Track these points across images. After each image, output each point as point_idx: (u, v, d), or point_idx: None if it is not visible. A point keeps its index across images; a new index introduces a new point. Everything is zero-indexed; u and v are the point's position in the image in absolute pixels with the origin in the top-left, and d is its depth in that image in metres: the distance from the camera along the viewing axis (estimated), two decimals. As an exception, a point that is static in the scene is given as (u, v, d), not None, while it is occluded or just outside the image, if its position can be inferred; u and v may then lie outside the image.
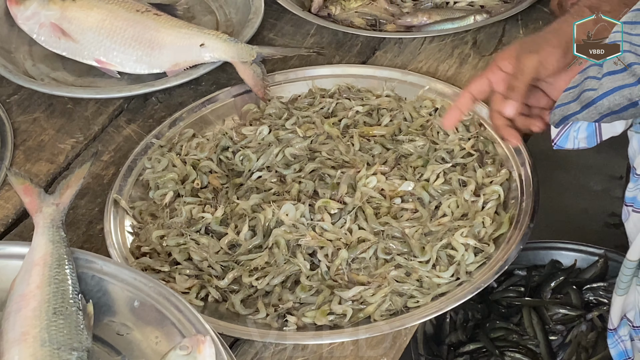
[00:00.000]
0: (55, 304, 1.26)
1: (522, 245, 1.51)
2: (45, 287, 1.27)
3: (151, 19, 1.88)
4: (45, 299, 1.26)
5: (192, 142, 1.74)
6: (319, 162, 1.66)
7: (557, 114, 1.42)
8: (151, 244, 1.56)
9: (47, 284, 1.28)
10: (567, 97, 1.40)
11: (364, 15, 2.02)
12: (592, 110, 1.37)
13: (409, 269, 1.50)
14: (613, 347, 1.61)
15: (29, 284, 1.29)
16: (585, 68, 1.39)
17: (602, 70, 1.36)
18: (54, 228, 1.35)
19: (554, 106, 1.43)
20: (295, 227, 1.55)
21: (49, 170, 1.73)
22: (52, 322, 1.23)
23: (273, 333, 1.43)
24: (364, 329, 1.44)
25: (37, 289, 1.27)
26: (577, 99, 1.38)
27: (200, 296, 1.50)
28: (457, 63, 1.91)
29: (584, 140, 1.49)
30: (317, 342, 1.43)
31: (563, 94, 1.41)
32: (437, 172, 1.63)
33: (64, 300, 1.27)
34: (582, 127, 1.47)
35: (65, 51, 1.90)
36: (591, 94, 1.36)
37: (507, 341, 2.14)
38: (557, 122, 1.44)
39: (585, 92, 1.37)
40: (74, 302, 1.27)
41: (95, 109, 1.85)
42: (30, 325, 1.23)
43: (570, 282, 2.19)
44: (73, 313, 1.26)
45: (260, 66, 1.82)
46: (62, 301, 1.26)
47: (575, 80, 1.40)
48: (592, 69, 1.38)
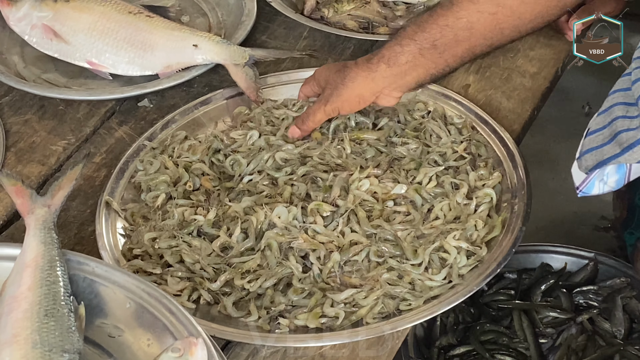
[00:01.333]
0: (46, 306, 1.25)
1: (515, 249, 1.51)
2: (36, 289, 1.27)
3: (143, 21, 1.87)
4: (36, 301, 1.25)
5: (184, 144, 1.74)
6: (310, 165, 1.66)
7: (589, 159, 1.38)
8: (143, 246, 1.56)
9: (38, 285, 1.27)
10: (597, 141, 1.35)
11: (357, 18, 2.02)
12: (637, 151, 1.32)
13: (401, 272, 1.50)
14: None
15: (20, 286, 1.28)
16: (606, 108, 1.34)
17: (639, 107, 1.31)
18: (45, 230, 1.35)
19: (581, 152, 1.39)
20: (287, 229, 1.55)
21: (40, 172, 1.73)
22: (43, 324, 1.23)
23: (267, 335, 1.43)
24: (355, 331, 1.43)
25: (29, 290, 1.27)
26: (612, 140, 1.33)
27: (192, 299, 1.50)
28: (450, 66, 1.91)
29: (613, 183, 1.45)
30: (310, 345, 1.42)
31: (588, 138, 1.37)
32: (429, 175, 1.63)
33: (56, 302, 1.26)
34: (611, 171, 1.43)
35: (57, 53, 1.89)
36: (632, 134, 1.31)
37: (497, 344, 2.14)
38: (589, 168, 1.40)
39: (622, 133, 1.33)
40: (66, 304, 1.27)
41: (87, 110, 1.85)
42: (22, 327, 1.22)
43: (560, 285, 2.20)
44: (64, 315, 1.25)
45: (252, 68, 1.82)
46: (53, 303, 1.26)
47: (597, 122, 1.35)
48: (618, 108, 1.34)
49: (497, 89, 1.85)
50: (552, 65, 1.89)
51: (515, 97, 1.83)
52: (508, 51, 1.93)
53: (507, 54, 1.93)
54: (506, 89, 1.85)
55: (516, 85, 1.86)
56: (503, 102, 1.82)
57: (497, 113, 1.79)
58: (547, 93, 1.86)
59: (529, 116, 1.80)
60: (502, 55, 1.93)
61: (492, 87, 1.86)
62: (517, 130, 1.76)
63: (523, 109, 1.81)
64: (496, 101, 1.82)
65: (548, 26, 1.92)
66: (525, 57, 1.92)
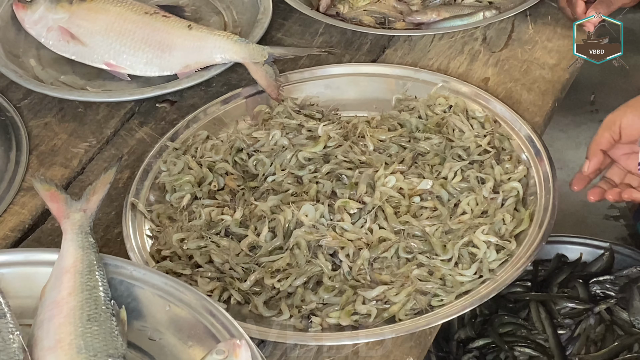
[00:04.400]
0: (88, 311, 1.25)
1: (544, 242, 1.51)
2: (77, 294, 1.27)
3: (160, 21, 1.87)
4: (78, 306, 1.26)
5: (206, 144, 1.73)
6: (334, 163, 1.66)
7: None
8: (171, 247, 1.56)
9: (79, 290, 1.27)
10: None
11: (373, 13, 2.02)
12: None
13: (431, 268, 1.51)
14: None
15: (60, 291, 1.28)
16: None
17: None
18: (82, 234, 1.35)
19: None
20: (315, 227, 1.55)
21: (63, 174, 1.73)
22: (86, 329, 1.23)
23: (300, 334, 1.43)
24: (389, 328, 1.44)
25: (69, 295, 1.27)
26: None
27: (223, 299, 1.50)
28: (468, 60, 1.91)
29: None
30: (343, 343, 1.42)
31: None
32: (454, 170, 1.63)
33: (97, 307, 1.26)
34: None
35: (74, 55, 1.89)
36: None
37: (515, 336, 2.14)
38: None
39: None
40: (107, 308, 1.27)
41: (107, 112, 1.85)
42: (65, 333, 1.23)
43: (576, 276, 2.21)
44: (107, 319, 1.25)
45: (272, 67, 1.82)
46: (95, 307, 1.26)
47: None
48: None
49: (516, 82, 1.85)
50: (572, 56, 1.88)
51: (535, 89, 1.84)
52: (525, 43, 1.94)
53: (525, 46, 1.93)
54: (526, 82, 1.85)
55: (536, 77, 1.86)
56: (524, 95, 1.82)
57: (518, 106, 1.79)
58: (567, 84, 1.86)
59: (550, 108, 1.80)
60: (519, 47, 1.93)
61: (512, 80, 1.86)
62: (539, 122, 1.76)
63: (544, 100, 1.81)
64: (517, 94, 1.82)
65: (565, 17, 1.93)
66: (544, 49, 1.92)
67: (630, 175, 1.63)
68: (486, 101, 1.77)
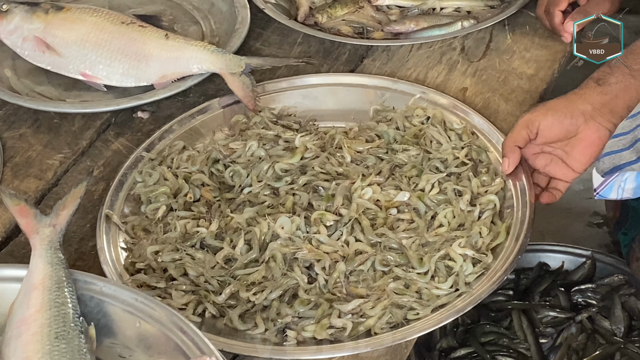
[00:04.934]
0: (56, 328, 1.24)
1: (520, 255, 1.51)
2: (45, 311, 1.26)
3: (137, 31, 1.86)
4: (46, 323, 1.24)
5: (182, 154, 1.72)
6: (311, 174, 1.65)
7: (607, 162, 1.38)
8: (146, 260, 1.54)
9: (47, 307, 1.26)
10: (618, 145, 1.36)
11: (351, 23, 2.01)
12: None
13: (407, 281, 1.50)
14: None
15: (28, 308, 1.27)
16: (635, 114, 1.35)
17: None
18: (52, 250, 1.33)
19: (602, 154, 1.39)
20: (291, 240, 1.54)
21: (37, 187, 1.71)
22: (54, 347, 1.22)
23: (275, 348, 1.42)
24: (364, 342, 1.43)
25: (38, 312, 1.25)
26: (631, 147, 1.34)
27: (198, 312, 1.48)
28: (446, 69, 1.90)
29: (630, 191, 1.45)
30: (319, 357, 1.42)
31: (611, 141, 1.38)
32: (432, 182, 1.63)
33: (66, 324, 1.25)
34: (630, 177, 1.43)
35: (50, 65, 1.87)
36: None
37: (497, 345, 2.14)
38: (605, 171, 1.40)
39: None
40: (76, 325, 1.26)
41: (82, 123, 1.83)
42: (32, 351, 1.21)
43: (558, 284, 2.20)
44: (75, 337, 1.24)
45: (249, 77, 1.81)
46: (63, 325, 1.24)
47: (624, 126, 1.36)
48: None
49: (494, 92, 1.85)
50: (549, 66, 1.89)
51: (513, 99, 1.83)
52: (503, 53, 1.93)
53: (503, 56, 1.93)
54: (504, 92, 1.85)
55: (514, 87, 1.86)
56: (501, 105, 1.82)
57: (495, 116, 1.79)
58: (545, 94, 1.86)
59: (527, 119, 1.79)
60: (497, 57, 1.93)
61: (490, 90, 1.85)
62: (516, 133, 1.75)
63: (521, 111, 1.80)
64: (494, 104, 1.82)
65: (543, 27, 1.93)
66: (522, 59, 1.92)
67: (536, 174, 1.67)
68: (464, 113, 1.76)
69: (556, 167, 1.63)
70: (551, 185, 1.66)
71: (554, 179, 1.66)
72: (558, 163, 1.63)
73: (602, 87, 1.59)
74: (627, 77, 1.57)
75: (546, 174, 1.66)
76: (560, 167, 1.63)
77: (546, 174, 1.66)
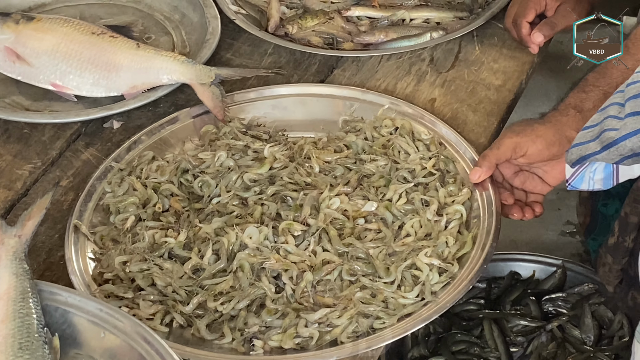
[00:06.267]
0: (20, 339, 1.24)
1: (486, 265, 1.52)
2: (9, 322, 1.26)
3: (107, 42, 1.86)
4: (10, 334, 1.24)
5: (152, 165, 1.72)
6: (279, 185, 1.66)
7: (575, 152, 1.40)
8: (114, 270, 1.55)
9: (11, 318, 1.26)
10: (586, 136, 1.37)
11: (321, 34, 2.02)
12: (613, 151, 1.33)
13: (374, 290, 1.51)
14: None
15: (-7, 319, 1.27)
16: (604, 107, 1.36)
17: (625, 110, 1.31)
18: (16, 260, 1.34)
19: (571, 145, 1.41)
20: (259, 250, 1.55)
21: (6, 197, 1.71)
22: (17, 358, 1.22)
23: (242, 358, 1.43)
24: (331, 351, 1.44)
25: (1, 323, 1.26)
26: (597, 138, 1.34)
27: (165, 322, 1.49)
28: (415, 80, 1.92)
29: (600, 182, 1.46)
30: (285, 366, 1.42)
31: (581, 132, 1.38)
32: (399, 192, 1.64)
33: (30, 335, 1.25)
34: (599, 168, 1.44)
35: (20, 75, 1.87)
36: (613, 134, 1.32)
37: (469, 354, 2.15)
38: (573, 162, 1.41)
39: (606, 131, 1.33)
40: (40, 336, 1.26)
41: (53, 133, 1.83)
42: (-4, 361, 1.22)
43: (529, 294, 2.21)
44: (39, 347, 1.24)
45: (219, 87, 1.81)
46: (27, 335, 1.25)
47: (594, 118, 1.37)
48: (612, 107, 1.34)
49: (462, 102, 1.86)
50: (517, 77, 1.91)
51: (481, 110, 1.85)
52: (472, 64, 1.95)
53: (471, 67, 1.94)
54: (472, 102, 1.86)
55: (481, 98, 1.87)
56: (469, 116, 1.83)
57: (463, 127, 1.80)
58: (512, 105, 1.87)
59: (495, 129, 1.81)
60: (466, 68, 1.94)
61: (458, 101, 1.86)
62: (483, 143, 1.77)
63: (489, 121, 1.82)
64: (462, 114, 1.83)
65: (511, 38, 1.94)
66: (490, 70, 1.93)
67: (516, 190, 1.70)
68: (432, 123, 1.77)
69: (534, 182, 1.67)
70: (531, 199, 1.68)
71: (531, 192, 1.69)
72: (535, 179, 1.67)
73: (582, 114, 1.62)
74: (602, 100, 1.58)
75: (523, 190, 1.69)
76: (537, 183, 1.67)
77: (523, 190, 1.69)
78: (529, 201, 1.69)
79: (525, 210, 1.66)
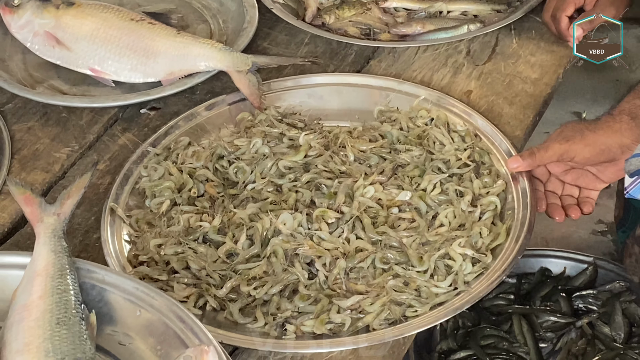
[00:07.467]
0: (58, 314, 1.25)
1: (520, 256, 1.52)
2: (47, 298, 1.27)
3: (146, 28, 1.87)
4: (48, 309, 1.26)
5: (188, 150, 1.74)
6: (314, 172, 1.66)
7: (634, 163, 1.41)
8: (149, 253, 1.56)
9: (49, 294, 1.27)
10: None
11: (358, 24, 2.03)
12: None
13: (407, 279, 1.51)
14: None
15: (31, 294, 1.28)
16: None
17: None
18: (55, 238, 1.35)
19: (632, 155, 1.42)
20: (292, 236, 1.56)
21: (44, 179, 1.73)
22: (55, 333, 1.23)
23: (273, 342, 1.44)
24: (363, 337, 1.44)
25: (40, 299, 1.27)
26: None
27: (199, 305, 1.50)
28: (451, 72, 1.92)
29: None
30: (317, 351, 1.43)
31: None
32: (434, 182, 1.64)
33: (67, 311, 1.26)
34: None
35: (59, 60, 1.89)
36: None
37: (497, 349, 2.15)
38: (632, 172, 1.43)
39: None
40: (77, 312, 1.27)
41: (90, 117, 1.85)
42: (34, 336, 1.23)
43: (559, 290, 2.21)
44: (76, 323, 1.25)
45: (255, 75, 1.82)
46: (64, 311, 1.26)
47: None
48: None
49: (498, 95, 1.86)
50: (554, 71, 1.90)
51: (517, 103, 1.84)
52: (509, 57, 1.95)
53: (508, 60, 1.94)
54: (508, 95, 1.86)
55: (518, 91, 1.87)
56: (505, 108, 1.83)
57: (499, 119, 1.80)
58: (548, 99, 1.86)
59: (531, 122, 1.80)
60: (503, 61, 1.94)
61: (494, 93, 1.86)
62: (519, 136, 1.77)
63: (525, 114, 1.82)
64: (498, 107, 1.83)
65: (549, 32, 1.94)
66: (527, 63, 1.93)
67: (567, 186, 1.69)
68: (467, 115, 1.77)
69: (587, 179, 1.67)
70: (584, 195, 1.68)
71: (584, 188, 1.68)
72: (589, 176, 1.66)
73: (636, 121, 1.61)
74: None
75: (576, 186, 1.68)
76: (591, 180, 1.66)
77: (576, 186, 1.68)
78: (582, 196, 1.68)
79: (571, 210, 1.66)
